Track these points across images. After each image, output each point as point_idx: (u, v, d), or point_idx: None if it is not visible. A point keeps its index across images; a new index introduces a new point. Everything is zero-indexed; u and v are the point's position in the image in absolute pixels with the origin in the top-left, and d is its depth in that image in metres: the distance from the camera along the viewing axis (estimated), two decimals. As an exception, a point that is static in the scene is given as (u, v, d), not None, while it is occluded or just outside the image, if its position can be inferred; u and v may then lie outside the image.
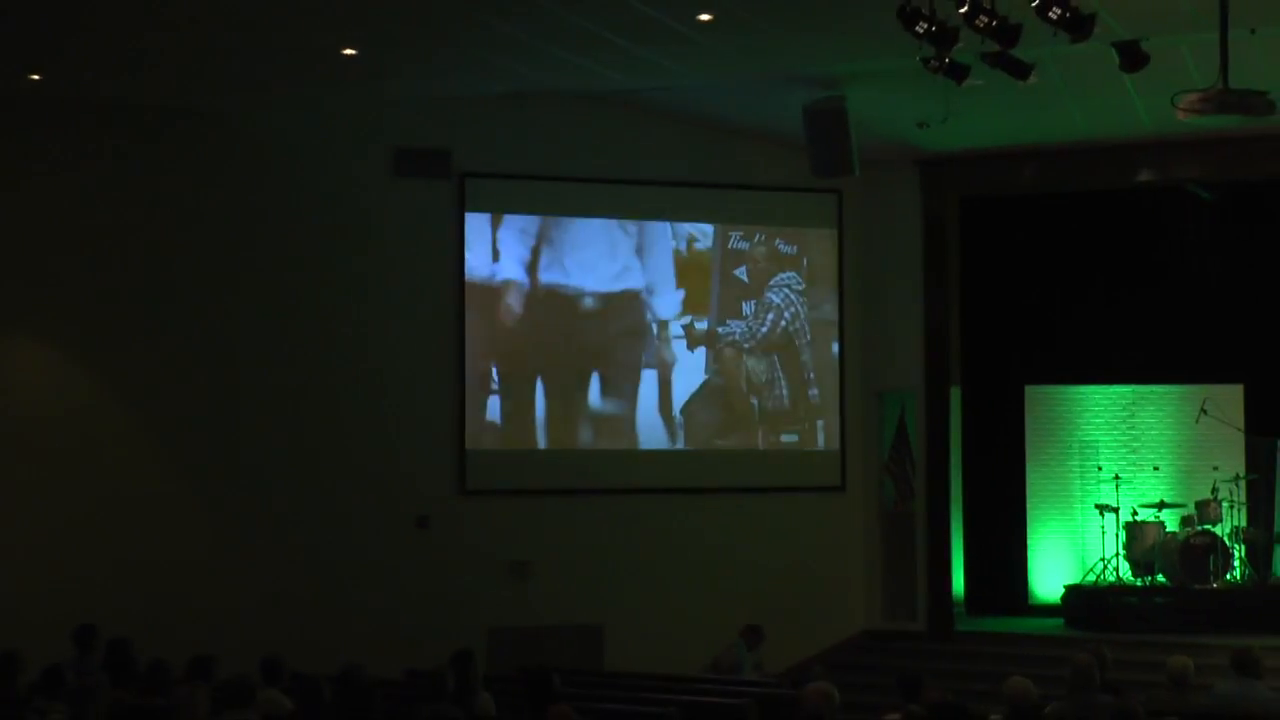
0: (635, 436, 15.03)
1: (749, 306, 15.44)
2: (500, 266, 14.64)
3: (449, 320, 14.41)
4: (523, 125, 14.46)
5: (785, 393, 15.54)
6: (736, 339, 15.40)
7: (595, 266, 14.94)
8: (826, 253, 15.65)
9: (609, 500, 14.75)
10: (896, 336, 15.73)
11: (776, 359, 15.50)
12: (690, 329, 15.25)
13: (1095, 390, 16.23)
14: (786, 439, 15.55)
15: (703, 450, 15.24)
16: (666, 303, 15.18)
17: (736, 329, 15.39)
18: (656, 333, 15.14)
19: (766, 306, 15.49)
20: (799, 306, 15.61)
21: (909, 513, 15.64)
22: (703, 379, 15.28)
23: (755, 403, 15.45)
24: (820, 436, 15.65)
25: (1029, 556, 16.14)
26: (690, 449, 15.21)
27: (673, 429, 15.17)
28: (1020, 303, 16.31)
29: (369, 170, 14.20)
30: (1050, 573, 15.98)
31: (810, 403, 15.62)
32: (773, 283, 15.52)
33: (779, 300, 15.54)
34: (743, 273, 15.44)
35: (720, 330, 15.33)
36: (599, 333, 14.96)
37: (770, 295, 15.50)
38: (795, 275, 15.58)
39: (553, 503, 14.61)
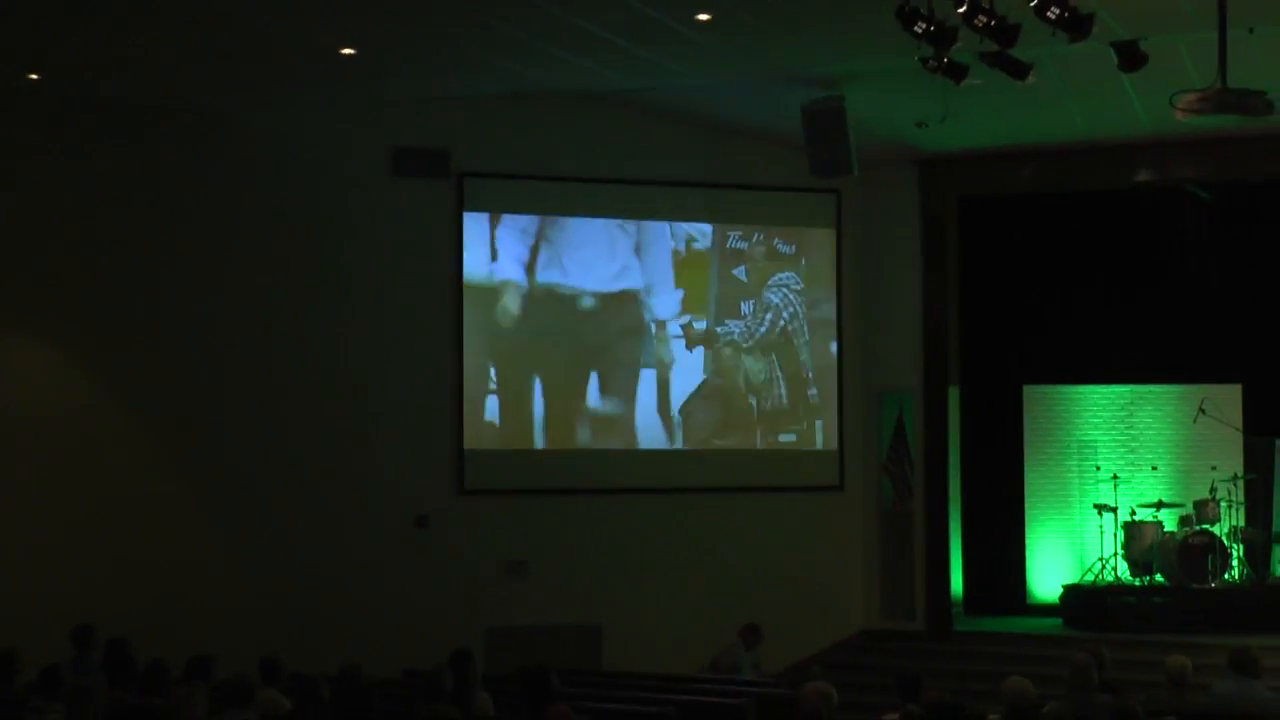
0: (634, 436, 15.03)
1: (747, 306, 15.44)
2: (499, 266, 14.64)
3: (447, 320, 14.40)
4: (522, 125, 14.46)
5: (784, 392, 15.54)
6: (735, 339, 15.39)
7: (594, 266, 14.93)
8: (825, 252, 15.65)
9: (607, 500, 14.75)
10: (895, 336, 15.73)
11: (775, 359, 15.50)
12: (689, 329, 15.24)
13: (1093, 390, 16.23)
14: (785, 439, 15.55)
15: (701, 450, 15.24)
16: (665, 302, 15.17)
17: (735, 329, 15.39)
18: (655, 332, 15.14)
19: (765, 306, 15.48)
20: (797, 306, 15.60)
21: (907, 512, 15.63)
22: (701, 379, 15.28)
23: (754, 402, 15.45)
24: (819, 436, 15.65)
25: (1027, 556, 16.15)
26: (688, 449, 15.20)
27: (671, 429, 15.16)
28: (1019, 302, 16.30)
29: (368, 170, 14.20)
30: (1049, 572, 15.99)
31: (809, 402, 15.62)
32: (771, 282, 15.52)
33: (777, 300, 15.54)
34: (741, 272, 15.44)
35: (719, 330, 15.33)
36: (597, 332, 14.96)
37: (769, 295, 15.50)
38: (794, 275, 15.58)
39: (551, 502, 14.60)
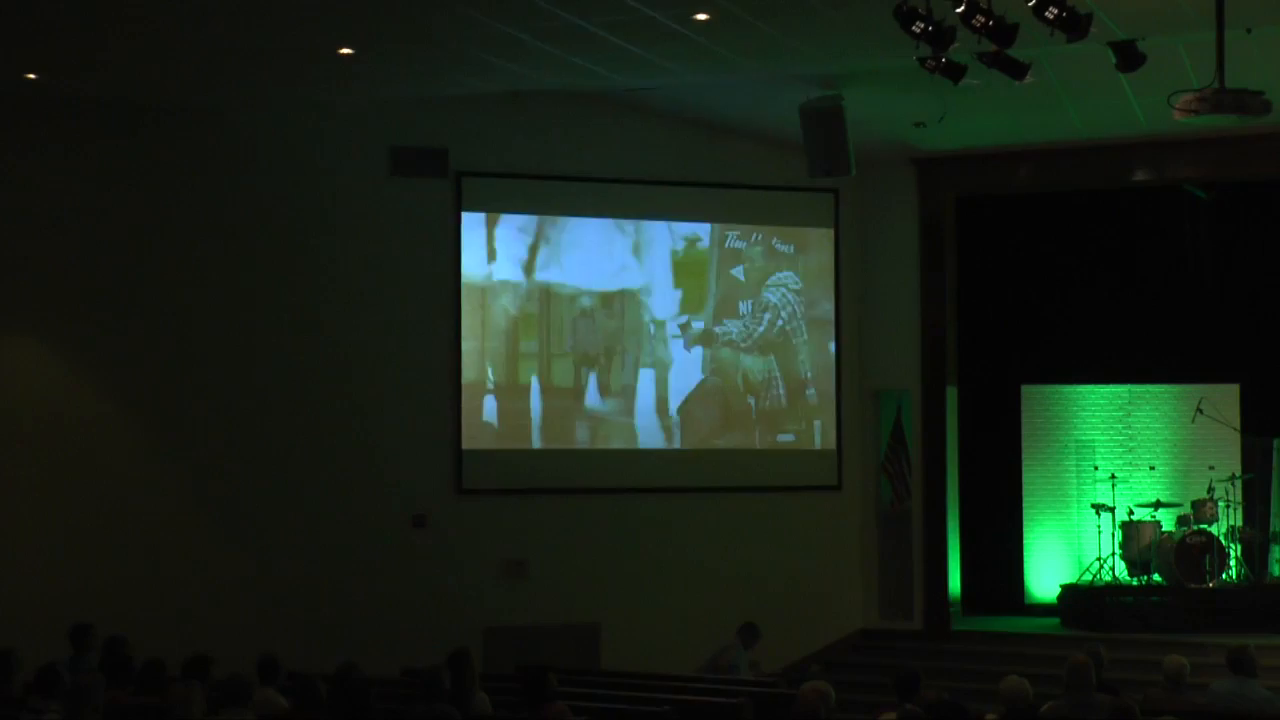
0: (632, 436, 15.02)
1: (746, 306, 15.44)
2: (497, 265, 14.63)
3: (445, 319, 14.40)
4: (519, 124, 14.45)
5: (782, 392, 15.54)
6: (733, 338, 15.39)
7: (592, 266, 14.92)
8: (823, 252, 15.65)
9: (605, 500, 14.75)
10: (893, 336, 15.73)
11: (773, 358, 15.49)
12: (687, 328, 15.24)
13: (1091, 390, 16.24)
14: (783, 438, 15.55)
15: (699, 450, 15.23)
16: (663, 302, 15.17)
17: (733, 328, 15.38)
18: (653, 332, 15.14)
19: (763, 306, 15.48)
20: (795, 306, 15.60)
21: (905, 512, 15.63)
22: (699, 378, 15.28)
23: (752, 402, 15.45)
24: (817, 436, 15.64)
25: (1025, 556, 16.15)
26: (687, 448, 15.19)
27: (669, 429, 15.16)
28: (1017, 302, 16.31)
29: (366, 169, 14.19)
30: (1046, 572, 15.99)
31: (807, 402, 15.62)
32: (769, 282, 15.51)
33: (776, 300, 15.54)
34: (740, 272, 15.44)
35: (717, 330, 15.33)
36: (595, 332, 14.96)
37: (767, 295, 15.50)
38: (792, 275, 15.58)
39: (549, 502, 14.60)
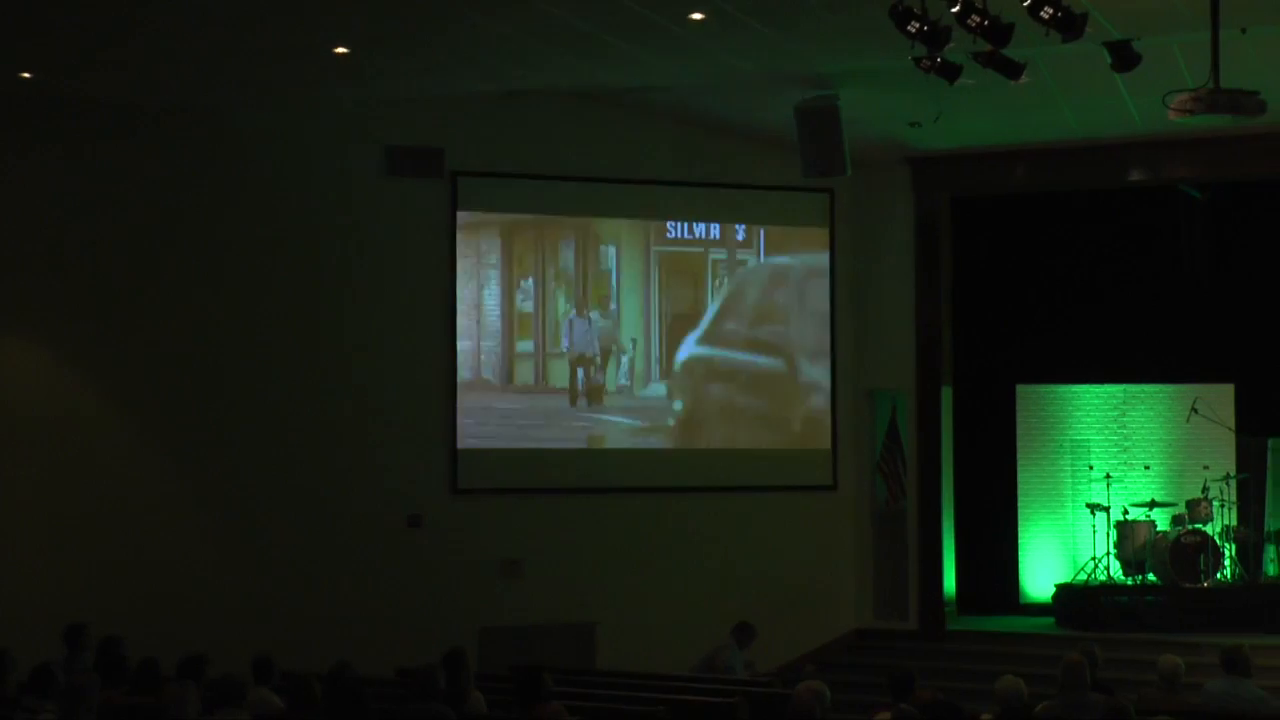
0: (628, 436, 14.99)
1: (740, 306, 15.42)
2: (492, 265, 14.61)
3: (441, 319, 14.40)
4: (515, 124, 14.45)
5: (777, 392, 15.53)
6: (728, 338, 15.37)
7: (587, 265, 14.91)
8: (818, 252, 15.64)
9: (601, 499, 14.74)
10: (888, 336, 15.72)
11: (768, 358, 15.48)
12: (683, 328, 15.20)
13: (1086, 389, 16.25)
14: (778, 438, 15.54)
15: (695, 450, 15.21)
16: (658, 302, 15.15)
17: (728, 328, 15.37)
18: (648, 333, 15.12)
19: (758, 305, 15.46)
20: (791, 305, 15.59)
21: (900, 512, 15.63)
22: (694, 379, 15.25)
23: (747, 402, 15.44)
24: (812, 436, 15.64)
25: (1020, 555, 16.15)
26: (682, 448, 15.17)
27: (664, 429, 15.14)
28: (1012, 302, 16.31)
29: (361, 169, 14.18)
30: (1041, 572, 16.00)
31: (802, 402, 15.62)
32: (764, 282, 15.49)
33: (770, 299, 15.52)
34: (735, 272, 15.42)
35: (712, 329, 15.31)
36: (592, 331, 14.94)
37: (762, 294, 15.47)
38: (787, 274, 15.55)
39: (544, 502, 14.60)
